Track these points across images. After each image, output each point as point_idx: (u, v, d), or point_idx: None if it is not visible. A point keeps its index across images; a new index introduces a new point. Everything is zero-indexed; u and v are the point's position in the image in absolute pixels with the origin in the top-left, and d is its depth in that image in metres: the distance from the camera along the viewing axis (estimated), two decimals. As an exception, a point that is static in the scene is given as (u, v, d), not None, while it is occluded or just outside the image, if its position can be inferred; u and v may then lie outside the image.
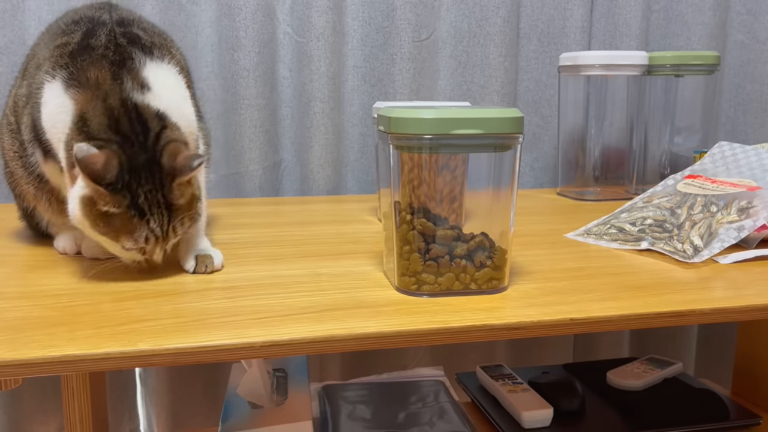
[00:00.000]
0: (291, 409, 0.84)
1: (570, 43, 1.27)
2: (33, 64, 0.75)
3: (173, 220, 0.65)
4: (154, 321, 0.55)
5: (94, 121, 0.64)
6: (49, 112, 0.67)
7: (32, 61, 0.76)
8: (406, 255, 0.62)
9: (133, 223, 0.63)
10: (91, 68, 0.66)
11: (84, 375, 1.01)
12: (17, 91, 0.78)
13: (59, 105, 0.66)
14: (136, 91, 0.66)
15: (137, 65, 0.68)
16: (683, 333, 1.41)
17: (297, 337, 0.52)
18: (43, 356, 0.48)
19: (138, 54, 0.68)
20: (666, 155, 1.19)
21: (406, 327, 0.54)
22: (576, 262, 0.74)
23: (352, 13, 1.18)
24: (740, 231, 0.76)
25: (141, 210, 0.63)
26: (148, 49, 0.70)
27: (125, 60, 0.67)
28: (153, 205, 0.64)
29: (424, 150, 0.60)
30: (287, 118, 1.20)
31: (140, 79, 0.67)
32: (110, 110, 0.64)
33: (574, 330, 0.57)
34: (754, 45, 1.36)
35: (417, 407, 0.97)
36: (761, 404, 1.11)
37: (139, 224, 0.63)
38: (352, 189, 1.24)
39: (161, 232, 0.65)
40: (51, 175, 0.74)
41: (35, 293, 0.63)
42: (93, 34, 0.69)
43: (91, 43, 0.68)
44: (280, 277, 0.67)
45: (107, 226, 0.63)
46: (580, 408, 1.00)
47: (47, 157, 0.71)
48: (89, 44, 0.68)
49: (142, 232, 0.64)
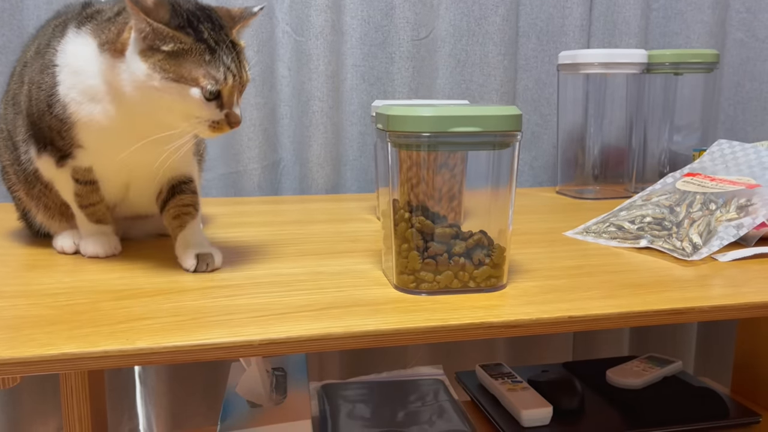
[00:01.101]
0: (290, 408, 0.84)
1: (569, 41, 1.27)
2: (20, 65, 0.75)
3: (242, 60, 0.63)
4: (153, 319, 0.55)
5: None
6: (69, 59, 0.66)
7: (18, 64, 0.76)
8: (404, 253, 0.62)
9: (206, 59, 0.60)
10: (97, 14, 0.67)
11: (83, 374, 1.01)
12: (5, 96, 0.78)
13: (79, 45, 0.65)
14: None
15: None
16: (683, 331, 1.41)
17: (295, 335, 0.52)
18: (41, 354, 0.48)
19: None
20: (665, 153, 1.19)
21: (404, 325, 0.54)
22: (575, 260, 0.74)
23: (351, 12, 1.18)
24: (739, 229, 0.76)
25: (209, 44, 0.60)
26: None
27: None
28: (220, 41, 0.61)
29: (423, 148, 0.60)
30: (286, 117, 1.20)
31: None
32: None
33: (573, 328, 0.57)
34: (753, 43, 1.36)
35: (416, 406, 0.97)
36: (761, 402, 1.11)
37: (212, 60, 0.60)
38: (351, 188, 1.24)
39: (236, 69, 0.62)
40: (45, 170, 0.73)
41: (34, 292, 0.62)
42: (90, 5, 0.70)
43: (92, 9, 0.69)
44: (279, 276, 0.67)
45: (179, 69, 0.60)
46: (580, 406, 1.00)
47: (42, 152, 0.71)
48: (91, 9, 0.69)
49: (219, 67, 0.60)
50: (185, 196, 0.75)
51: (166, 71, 0.60)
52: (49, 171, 0.73)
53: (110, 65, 0.63)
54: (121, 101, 0.64)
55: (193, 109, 0.61)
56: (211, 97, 0.61)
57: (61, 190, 0.75)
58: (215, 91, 0.61)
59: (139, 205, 0.78)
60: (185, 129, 0.63)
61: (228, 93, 0.63)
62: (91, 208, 0.74)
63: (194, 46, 0.60)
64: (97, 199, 0.74)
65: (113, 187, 0.75)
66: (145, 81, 0.60)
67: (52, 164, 0.71)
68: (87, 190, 0.73)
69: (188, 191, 0.75)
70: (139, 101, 0.62)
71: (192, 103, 0.61)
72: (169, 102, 0.61)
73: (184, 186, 0.75)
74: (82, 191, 0.73)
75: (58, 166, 0.71)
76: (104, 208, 0.75)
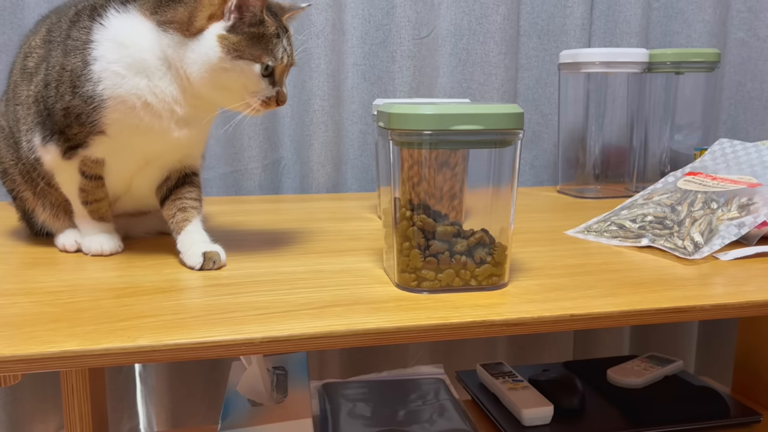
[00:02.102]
0: (291, 407, 0.83)
1: (570, 40, 1.27)
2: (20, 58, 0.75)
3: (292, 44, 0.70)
4: (154, 317, 0.55)
5: None
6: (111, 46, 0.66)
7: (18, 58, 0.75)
8: (406, 251, 0.62)
9: (274, 41, 0.66)
10: None
11: (84, 373, 1.01)
12: (5, 93, 0.77)
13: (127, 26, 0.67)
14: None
15: None
16: (684, 331, 1.41)
17: (297, 332, 0.52)
18: (42, 352, 0.48)
19: None
20: (666, 153, 1.19)
21: (406, 323, 0.54)
22: (576, 259, 0.74)
23: (352, 11, 1.18)
24: (741, 228, 0.75)
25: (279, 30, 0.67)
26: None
27: None
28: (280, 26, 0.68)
29: (424, 146, 0.60)
30: (287, 116, 1.20)
31: None
32: None
33: (574, 326, 0.57)
34: (754, 43, 1.36)
35: (417, 405, 0.97)
36: (762, 402, 1.11)
37: (278, 42, 0.67)
38: (351, 187, 1.24)
39: (291, 51, 0.69)
40: (48, 161, 0.72)
41: (35, 290, 0.62)
42: None
43: None
44: (280, 274, 0.67)
45: (251, 48, 0.65)
46: (581, 406, 1.00)
47: (49, 139, 0.70)
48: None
49: (279, 47, 0.67)
50: (194, 188, 0.76)
51: (238, 51, 0.65)
52: (53, 162, 0.72)
53: (176, 44, 0.66)
54: (174, 77, 0.67)
55: (252, 83, 0.67)
56: (267, 73, 0.67)
57: (64, 184, 0.74)
58: (272, 67, 0.67)
59: (140, 198, 0.78)
60: (238, 106, 0.68)
61: (280, 72, 0.69)
62: (95, 205, 0.74)
63: (274, 31, 0.66)
64: (102, 195, 0.74)
65: (119, 180, 0.75)
66: (217, 63, 0.65)
67: (57, 155, 0.71)
68: (93, 185, 0.73)
69: (196, 184, 0.77)
70: (201, 79, 0.66)
71: (252, 77, 0.66)
72: (232, 79, 0.66)
73: (194, 178, 0.77)
74: (88, 186, 0.73)
75: (65, 158, 0.71)
76: (107, 205, 0.75)
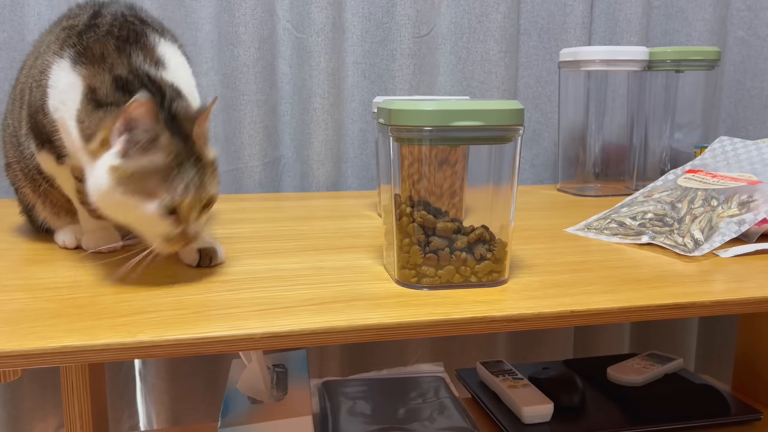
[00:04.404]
0: (291, 405, 0.83)
1: (570, 39, 1.27)
2: (32, 57, 0.75)
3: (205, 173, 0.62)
4: (154, 313, 0.54)
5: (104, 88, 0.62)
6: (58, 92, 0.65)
7: (30, 57, 0.76)
8: (406, 248, 0.62)
9: (173, 173, 0.59)
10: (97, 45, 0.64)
11: (84, 371, 1.01)
12: (12, 91, 0.77)
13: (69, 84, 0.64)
14: (152, 66, 0.64)
15: (151, 42, 0.66)
16: (684, 328, 1.41)
17: (297, 328, 0.52)
18: (42, 347, 0.48)
19: (151, 33, 0.67)
20: (666, 151, 1.18)
21: (406, 319, 0.54)
22: (576, 256, 0.74)
23: (352, 9, 1.18)
24: (741, 225, 0.75)
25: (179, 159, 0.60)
26: (160, 31, 0.69)
27: (139, 37, 0.66)
28: (182, 153, 0.60)
29: (424, 142, 0.60)
30: (287, 114, 1.20)
31: (155, 57, 0.66)
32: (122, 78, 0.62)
33: (574, 322, 0.57)
34: (754, 41, 1.36)
35: (417, 403, 0.97)
36: (762, 400, 1.11)
37: (177, 174, 0.60)
38: (352, 185, 1.24)
39: (198, 181, 0.61)
40: (46, 166, 0.73)
41: (35, 285, 0.62)
42: (100, 14, 0.69)
43: (99, 23, 0.67)
44: (281, 271, 0.67)
45: (144, 183, 0.59)
46: (581, 403, 1.00)
47: (41, 148, 0.71)
48: (96, 23, 0.67)
49: (180, 182, 0.59)
50: None
51: (129, 185, 0.59)
52: (50, 167, 0.73)
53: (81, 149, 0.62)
54: None
55: (148, 223, 0.61)
56: (168, 211, 0.60)
57: (63, 186, 0.75)
58: (170, 206, 0.60)
59: None
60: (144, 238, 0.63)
61: (186, 208, 0.61)
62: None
63: (174, 158, 0.60)
64: None
65: None
66: (108, 195, 0.60)
67: (52, 160, 0.71)
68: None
69: None
70: (98, 204, 0.62)
71: (147, 217, 0.60)
72: (127, 215, 0.61)
73: None
74: (83, 188, 0.73)
75: (59, 163, 0.71)
76: None
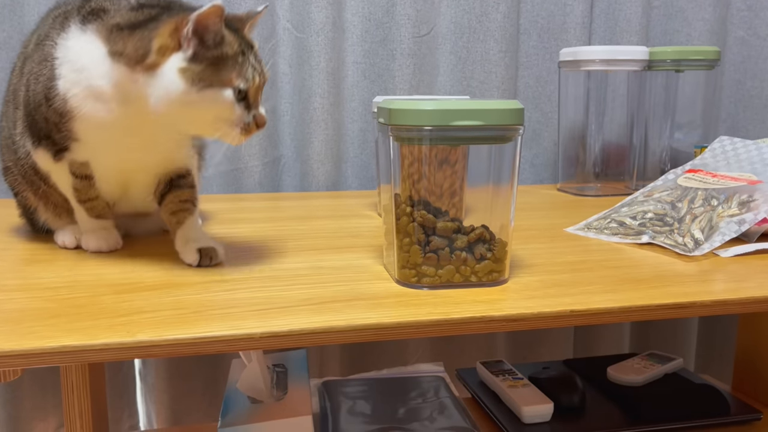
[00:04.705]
0: (291, 405, 0.83)
1: (570, 39, 1.27)
2: (21, 58, 0.74)
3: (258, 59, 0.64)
4: (154, 312, 0.54)
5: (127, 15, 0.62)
6: (70, 65, 0.64)
7: (20, 59, 0.75)
8: (406, 247, 0.62)
9: (239, 60, 0.61)
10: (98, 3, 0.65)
11: (83, 371, 1.01)
12: (5, 95, 0.77)
13: (81, 48, 0.63)
14: None
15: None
16: (684, 328, 1.41)
17: (296, 328, 0.52)
18: (41, 347, 0.48)
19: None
20: (666, 151, 1.18)
21: (406, 318, 0.54)
22: (576, 256, 0.74)
23: (352, 9, 1.18)
24: (741, 224, 0.75)
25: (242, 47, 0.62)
26: None
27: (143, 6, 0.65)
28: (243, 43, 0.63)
29: (425, 141, 0.60)
30: (287, 114, 1.20)
31: None
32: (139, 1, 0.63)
33: (574, 322, 0.57)
34: (754, 41, 1.36)
35: (417, 403, 0.97)
36: (762, 399, 1.10)
37: (244, 60, 0.62)
38: (351, 185, 1.24)
39: (259, 66, 0.64)
40: (43, 164, 0.72)
41: (35, 285, 0.62)
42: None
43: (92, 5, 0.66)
44: (280, 270, 0.67)
45: (217, 74, 0.60)
46: (581, 403, 1.00)
47: (38, 145, 0.70)
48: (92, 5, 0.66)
49: (249, 66, 0.62)
50: (183, 191, 0.74)
51: (203, 80, 0.60)
52: (47, 165, 0.72)
53: (130, 78, 0.61)
54: (133, 105, 0.63)
55: (226, 112, 0.62)
56: (240, 98, 0.62)
57: (59, 184, 0.74)
58: (245, 90, 0.62)
59: (138, 202, 0.78)
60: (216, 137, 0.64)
61: (254, 92, 0.64)
62: (90, 203, 0.74)
63: (239, 49, 0.61)
64: (94, 194, 0.74)
65: (111, 185, 0.74)
66: (182, 97, 0.60)
67: (49, 158, 0.71)
68: (84, 184, 0.73)
69: (186, 186, 0.74)
70: (168, 115, 0.62)
71: (225, 105, 0.61)
72: (203, 111, 0.62)
73: (182, 180, 0.74)
74: (80, 186, 0.73)
75: (56, 160, 0.71)
76: (103, 203, 0.75)
